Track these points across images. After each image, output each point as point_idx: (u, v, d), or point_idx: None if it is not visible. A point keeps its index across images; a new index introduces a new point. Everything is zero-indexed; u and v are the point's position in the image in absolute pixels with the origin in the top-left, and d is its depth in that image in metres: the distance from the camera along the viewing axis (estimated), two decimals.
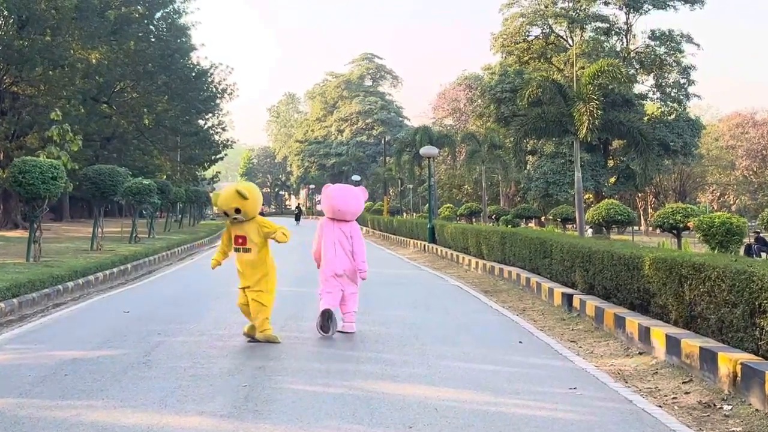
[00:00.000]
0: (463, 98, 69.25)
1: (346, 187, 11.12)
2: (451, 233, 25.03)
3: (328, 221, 10.58)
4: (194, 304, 13.52)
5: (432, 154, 30.79)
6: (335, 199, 10.46)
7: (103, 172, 25.28)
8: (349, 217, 10.55)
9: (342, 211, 10.44)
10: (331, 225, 10.50)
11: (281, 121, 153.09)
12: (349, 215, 10.52)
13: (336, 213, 10.45)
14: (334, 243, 10.35)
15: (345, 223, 10.48)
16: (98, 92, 44.75)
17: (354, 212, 10.60)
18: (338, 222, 10.46)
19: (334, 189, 10.71)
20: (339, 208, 10.43)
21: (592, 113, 22.58)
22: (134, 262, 21.93)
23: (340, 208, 10.42)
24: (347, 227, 10.46)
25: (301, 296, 14.00)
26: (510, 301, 14.14)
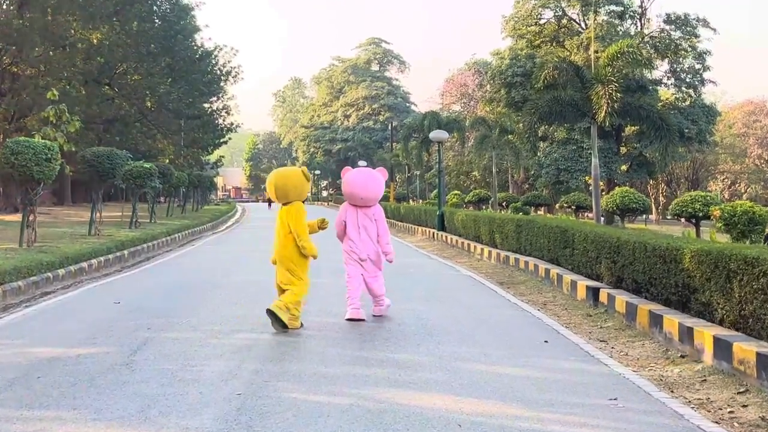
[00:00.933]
0: (472, 83, 68.16)
1: (365, 171, 10.80)
2: (461, 221, 24.06)
3: (350, 207, 10.38)
4: (190, 294, 12.61)
5: (442, 138, 29.79)
6: (357, 187, 10.25)
7: (102, 154, 24.45)
8: (372, 203, 10.35)
9: (365, 199, 10.25)
10: (353, 210, 10.32)
11: (287, 106, 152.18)
12: (371, 201, 10.32)
13: (358, 200, 10.25)
14: (358, 228, 10.21)
15: (368, 207, 10.31)
16: (100, 74, 43.78)
17: (376, 197, 10.39)
18: (361, 207, 10.28)
19: (353, 175, 10.47)
20: (362, 195, 10.22)
21: (611, 96, 21.59)
22: (132, 248, 21.07)
23: (363, 196, 10.23)
24: (371, 211, 10.31)
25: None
26: (529, 294, 13.20)
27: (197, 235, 31.75)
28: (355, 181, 10.29)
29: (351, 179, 10.35)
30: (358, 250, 10.14)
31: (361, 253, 10.14)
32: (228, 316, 10.26)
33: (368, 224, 10.25)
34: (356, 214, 10.27)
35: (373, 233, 10.25)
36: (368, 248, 10.20)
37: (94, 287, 14.10)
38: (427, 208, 32.36)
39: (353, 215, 10.28)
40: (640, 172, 48.36)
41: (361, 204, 10.27)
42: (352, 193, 10.26)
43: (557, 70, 22.91)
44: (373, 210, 10.35)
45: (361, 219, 10.23)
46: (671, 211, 26.28)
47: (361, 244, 10.16)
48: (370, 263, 10.22)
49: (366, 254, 10.17)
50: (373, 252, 10.24)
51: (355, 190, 10.22)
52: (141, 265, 19.16)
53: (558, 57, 23.88)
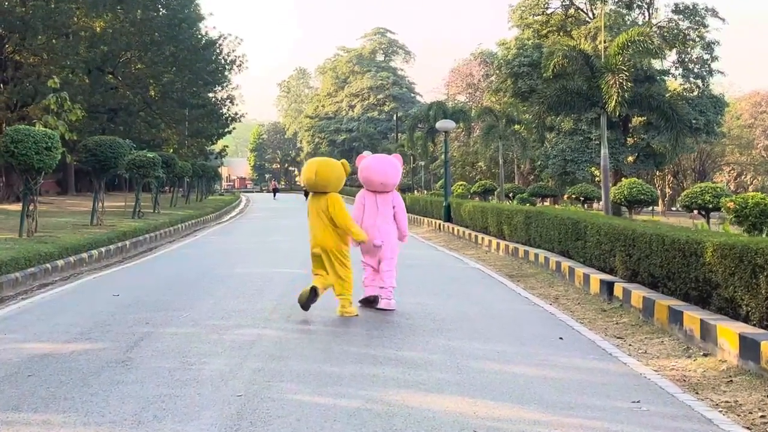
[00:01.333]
0: (478, 73, 67.65)
1: (382, 157, 10.89)
2: (468, 212, 23.67)
3: (368, 193, 10.31)
4: (191, 287, 12.25)
5: (449, 127, 29.37)
6: (375, 172, 10.19)
7: (104, 143, 24.07)
8: (390, 188, 10.31)
9: (384, 184, 10.19)
10: (371, 196, 10.26)
11: (292, 96, 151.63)
12: (390, 186, 10.27)
13: (378, 186, 10.19)
14: (375, 213, 10.15)
15: (386, 193, 10.27)
16: (103, 62, 43.43)
17: (394, 182, 10.33)
18: (379, 193, 10.24)
19: (371, 161, 10.46)
20: (381, 180, 10.17)
21: (622, 85, 21.14)
22: (133, 238, 20.73)
23: (382, 181, 10.17)
24: (389, 197, 10.27)
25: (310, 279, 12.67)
26: (540, 288, 12.82)
27: (201, 226, 31.41)
28: (372, 166, 10.25)
29: (369, 165, 10.29)
30: (372, 235, 9.98)
31: (376, 239, 10.01)
32: (230, 310, 9.89)
33: (386, 211, 10.19)
34: (374, 200, 10.21)
35: (390, 219, 10.21)
36: (384, 235, 10.11)
37: (94, 279, 13.75)
38: (433, 199, 31.98)
39: (371, 201, 10.21)
40: (647, 163, 47.86)
41: (380, 189, 10.19)
42: (369, 178, 10.19)
43: (567, 59, 22.46)
44: (392, 196, 10.31)
45: (379, 204, 10.17)
46: (680, 203, 25.89)
47: (375, 230, 10.05)
48: (388, 250, 10.14)
49: (381, 240, 10.06)
50: (389, 238, 10.17)
51: (372, 175, 10.15)
52: (143, 256, 18.82)
53: (567, 45, 23.41)
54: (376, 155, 10.99)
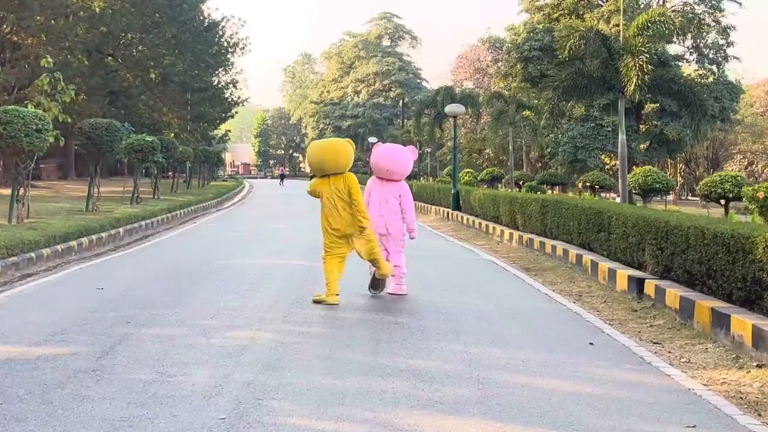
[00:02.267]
0: (486, 59, 66.48)
1: (394, 146, 11.00)
2: (479, 200, 22.69)
3: (376, 180, 10.35)
4: (182, 280, 11.28)
5: (458, 112, 28.33)
6: (383, 158, 10.27)
7: (100, 126, 23.25)
8: (397, 177, 10.31)
9: (390, 171, 10.21)
10: (378, 184, 10.28)
11: (296, 81, 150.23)
12: (397, 175, 10.28)
13: (384, 173, 10.23)
14: (380, 202, 10.13)
15: (393, 183, 10.27)
16: (103, 44, 42.40)
17: (402, 172, 10.35)
18: (386, 181, 10.25)
19: (382, 148, 10.57)
20: (387, 167, 10.21)
21: (642, 68, 20.13)
22: (127, 225, 19.79)
23: (388, 168, 10.20)
24: (396, 187, 10.25)
25: (312, 272, 11.74)
26: (560, 283, 11.86)
27: (201, 212, 30.49)
28: (382, 153, 10.36)
29: (379, 151, 10.41)
30: (377, 224, 9.92)
31: (381, 227, 9.99)
32: (222, 308, 8.94)
33: (391, 199, 10.14)
34: (380, 188, 10.24)
35: (395, 209, 10.14)
36: (387, 223, 10.10)
37: (80, 270, 12.81)
38: (440, 187, 30.99)
39: (377, 189, 10.25)
40: (660, 151, 46.73)
41: (386, 177, 10.21)
42: (377, 164, 10.27)
43: (584, 40, 21.43)
44: (398, 186, 10.27)
45: (385, 194, 10.16)
46: (699, 191, 24.95)
47: (380, 220, 10.02)
48: (391, 240, 10.12)
49: (386, 228, 10.07)
50: (394, 228, 10.15)
51: (380, 161, 10.23)
52: (136, 244, 17.91)
53: (584, 26, 22.38)
54: (390, 145, 11.07)
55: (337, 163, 9.40)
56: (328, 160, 9.38)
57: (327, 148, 9.52)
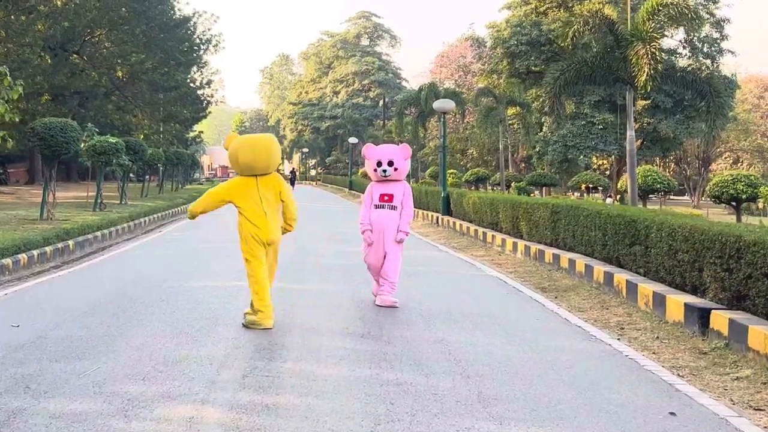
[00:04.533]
0: (470, 55, 64.29)
1: (387, 146, 10.38)
2: (473, 204, 20.50)
3: (376, 185, 9.80)
4: (123, 312, 8.98)
5: (448, 108, 26.08)
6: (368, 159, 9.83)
7: (53, 126, 21.03)
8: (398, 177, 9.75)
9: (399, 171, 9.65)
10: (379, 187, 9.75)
11: (274, 83, 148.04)
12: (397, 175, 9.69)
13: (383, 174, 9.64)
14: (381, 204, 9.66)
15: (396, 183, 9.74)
16: (68, 41, 39.94)
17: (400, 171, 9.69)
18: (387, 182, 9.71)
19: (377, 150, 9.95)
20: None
21: (654, 56, 18.07)
22: (79, 237, 17.42)
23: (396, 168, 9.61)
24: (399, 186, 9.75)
25: (287, 298, 9.53)
26: (589, 310, 9.68)
27: (169, 219, 28.16)
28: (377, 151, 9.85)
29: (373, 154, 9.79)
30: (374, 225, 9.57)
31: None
32: (161, 360, 6.68)
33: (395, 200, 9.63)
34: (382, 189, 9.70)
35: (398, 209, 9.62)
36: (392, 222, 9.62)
37: (4, 296, 10.50)
38: (428, 189, 28.75)
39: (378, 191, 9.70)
40: (654, 149, 44.73)
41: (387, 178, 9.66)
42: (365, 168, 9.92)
43: (588, 26, 19.30)
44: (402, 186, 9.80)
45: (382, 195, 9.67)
46: (709, 193, 23.01)
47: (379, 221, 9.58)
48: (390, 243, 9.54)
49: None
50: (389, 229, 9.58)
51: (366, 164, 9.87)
52: (87, 259, 15.62)
53: (589, 11, 20.31)
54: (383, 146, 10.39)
55: (269, 162, 8.26)
56: (261, 159, 8.18)
57: (260, 145, 8.30)
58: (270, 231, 8.20)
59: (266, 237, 8.18)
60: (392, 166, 9.55)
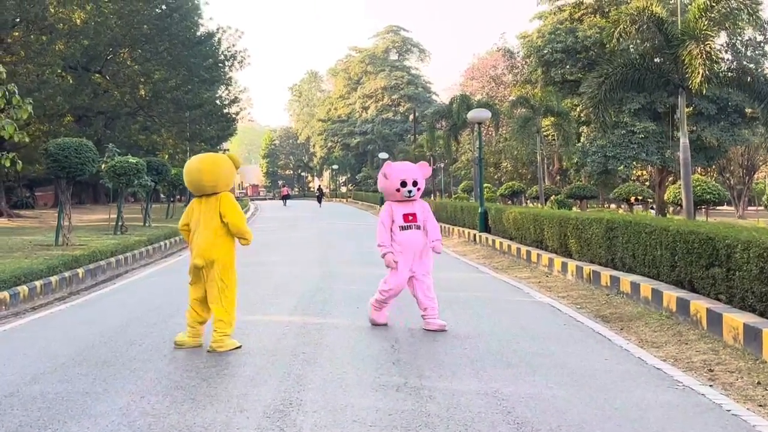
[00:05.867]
0: (502, 65, 62.79)
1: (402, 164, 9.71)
2: (514, 220, 19.00)
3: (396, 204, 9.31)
4: (114, 362, 7.59)
5: (483, 118, 24.56)
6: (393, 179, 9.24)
7: (68, 147, 20.04)
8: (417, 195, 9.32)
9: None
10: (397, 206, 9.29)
11: (303, 100, 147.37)
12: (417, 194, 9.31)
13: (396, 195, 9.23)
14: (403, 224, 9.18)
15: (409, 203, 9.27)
16: (91, 60, 39.07)
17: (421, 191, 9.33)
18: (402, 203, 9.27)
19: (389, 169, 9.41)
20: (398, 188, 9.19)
21: (708, 55, 16.56)
22: (90, 264, 16.17)
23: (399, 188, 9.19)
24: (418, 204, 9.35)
25: (310, 343, 8.16)
26: (665, 345, 8.18)
27: None
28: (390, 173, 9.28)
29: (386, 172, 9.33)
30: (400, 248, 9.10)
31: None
32: (143, 428, 5.31)
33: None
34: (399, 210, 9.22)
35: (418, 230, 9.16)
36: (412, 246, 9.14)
37: None
38: (464, 205, 27.22)
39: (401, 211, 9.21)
40: (697, 159, 42.90)
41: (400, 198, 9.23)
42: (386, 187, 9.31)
43: (635, 24, 17.80)
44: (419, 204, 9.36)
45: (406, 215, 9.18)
46: (765, 203, 21.35)
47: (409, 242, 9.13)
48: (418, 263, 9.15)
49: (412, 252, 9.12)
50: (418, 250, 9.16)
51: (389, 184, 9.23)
52: (97, 288, 14.41)
53: (636, 8, 18.75)
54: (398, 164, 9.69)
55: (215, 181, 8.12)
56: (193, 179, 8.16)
57: (192, 166, 8.24)
58: (199, 251, 7.99)
59: (194, 258, 8.04)
60: (416, 186, 9.23)
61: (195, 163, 8.26)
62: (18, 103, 18.58)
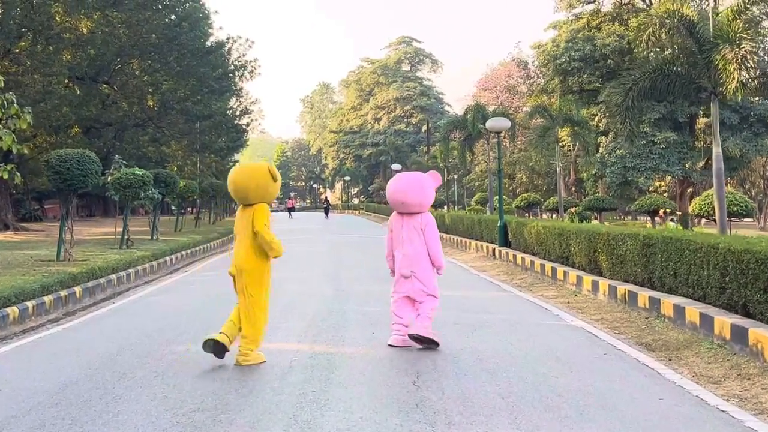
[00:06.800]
0: (517, 73, 61.81)
1: (408, 175, 9.48)
2: (536, 234, 18.01)
3: (396, 216, 9.15)
4: (96, 401, 6.63)
5: (502, 127, 23.56)
6: (395, 190, 9.03)
7: (70, 158, 19.30)
8: (415, 209, 8.93)
9: (405, 203, 8.91)
10: (399, 220, 9.08)
11: (315, 111, 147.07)
12: (414, 207, 8.91)
13: (400, 206, 9.00)
14: (402, 240, 8.92)
15: (413, 216, 8.94)
16: (98, 71, 38.23)
17: (419, 203, 8.93)
18: (406, 216, 8.99)
19: (394, 180, 9.30)
20: (402, 200, 8.93)
21: (744, 59, 15.59)
22: (89, 282, 15.27)
23: (403, 200, 8.91)
24: (416, 220, 8.94)
25: (325, 364, 7.20)
26: (724, 381, 7.16)
27: (200, 255, 26.06)
28: (395, 184, 9.12)
29: (393, 183, 9.20)
30: (400, 265, 8.83)
31: (404, 269, 8.79)
32: None
33: (414, 236, 8.87)
34: (401, 223, 9.02)
35: (419, 246, 8.83)
36: (412, 263, 8.79)
37: None
38: (483, 218, 26.20)
39: (398, 225, 9.05)
40: None
41: (402, 210, 9.03)
42: (391, 197, 9.12)
43: (665, 28, 16.82)
44: (420, 219, 8.95)
45: (406, 229, 8.93)
46: None
47: (404, 260, 8.82)
48: (416, 282, 8.74)
49: (410, 270, 8.77)
50: (420, 267, 8.78)
51: (393, 194, 9.06)
52: (94, 308, 13.52)
53: (666, 10, 17.78)
54: (404, 174, 9.50)
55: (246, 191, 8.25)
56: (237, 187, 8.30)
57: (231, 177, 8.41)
58: (234, 260, 8.26)
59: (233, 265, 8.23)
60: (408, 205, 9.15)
61: (232, 174, 8.42)
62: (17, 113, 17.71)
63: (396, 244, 8.96)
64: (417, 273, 8.69)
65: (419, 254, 8.76)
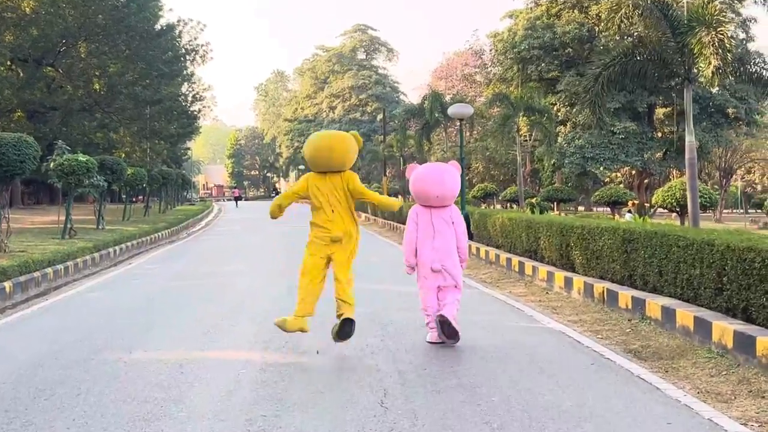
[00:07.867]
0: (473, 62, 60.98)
1: (435, 165, 8.98)
2: (502, 226, 17.13)
3: (421, 209, 8.57)
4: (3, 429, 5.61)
5: (466, 113, 22.54)
6: (429, 183, 8.45)
7: (5, 143, 18.05)
8: (449, 202, 8.59)
9: (440, 196, 8.44)
10: (426, 212, 8.52)
11: (269, 100, 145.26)
12: (449, 199, 8.55)
13: (433, 200, 8.46)
14: (434, 233, 8.42)
15: (444, 209, 8.54)
16: (43, 53, 36.61)
17: (453, 194, 8.58)
18: (435, 208, 8.50)
19: (424, 170, 8.72)
20: (437, 193, 8.38)
21: (722, 43, 14.84)
22: (21, 276, 14.03)
23: (438, 193, 8.40)
24: (446, 212, 8.55)
25: (271, 385, 6.18)
26: (734, 398, 6.27)
27: (147, 246, 24.80)
28: (428, 176, 8.53)
29: (422, 175, 8.60)
30: (430, 259, 8.35)
31: (434, 262, 8.35)
32: None
33: (445, 229, 8.46)
34: (430, 216, 8.48)
35: (450, 238, 8.48)
36: (443, 257, 8.40)
37: None
38: None
39: (426, 219, 8.50)
40: (678, 160, 41.34)
41: (437, 204, 8.49)
42: (425, 190, 8.45)
43: (638, 10, 16.01)
44: (450, 211, 8.60)
45: (437, 222, 8.45)
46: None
47: (434, 254, 8.38)
48: (448, 276, 8.38)
49: (440, 264, 8.36)
50: (450, 261, 8.43)
51: (428, 186, 8.42)
52: (25, 305, 12.39)
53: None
54: (430, 165, 9.20)
55: (344, 159, 8.01)
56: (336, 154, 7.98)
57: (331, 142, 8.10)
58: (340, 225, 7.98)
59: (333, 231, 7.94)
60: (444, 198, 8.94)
61: (326, 140, 8.16)
62: None
63: (426, 239, 8.46)
64: (447, 267, 8.37)
65: (450, 247, 8.46)
